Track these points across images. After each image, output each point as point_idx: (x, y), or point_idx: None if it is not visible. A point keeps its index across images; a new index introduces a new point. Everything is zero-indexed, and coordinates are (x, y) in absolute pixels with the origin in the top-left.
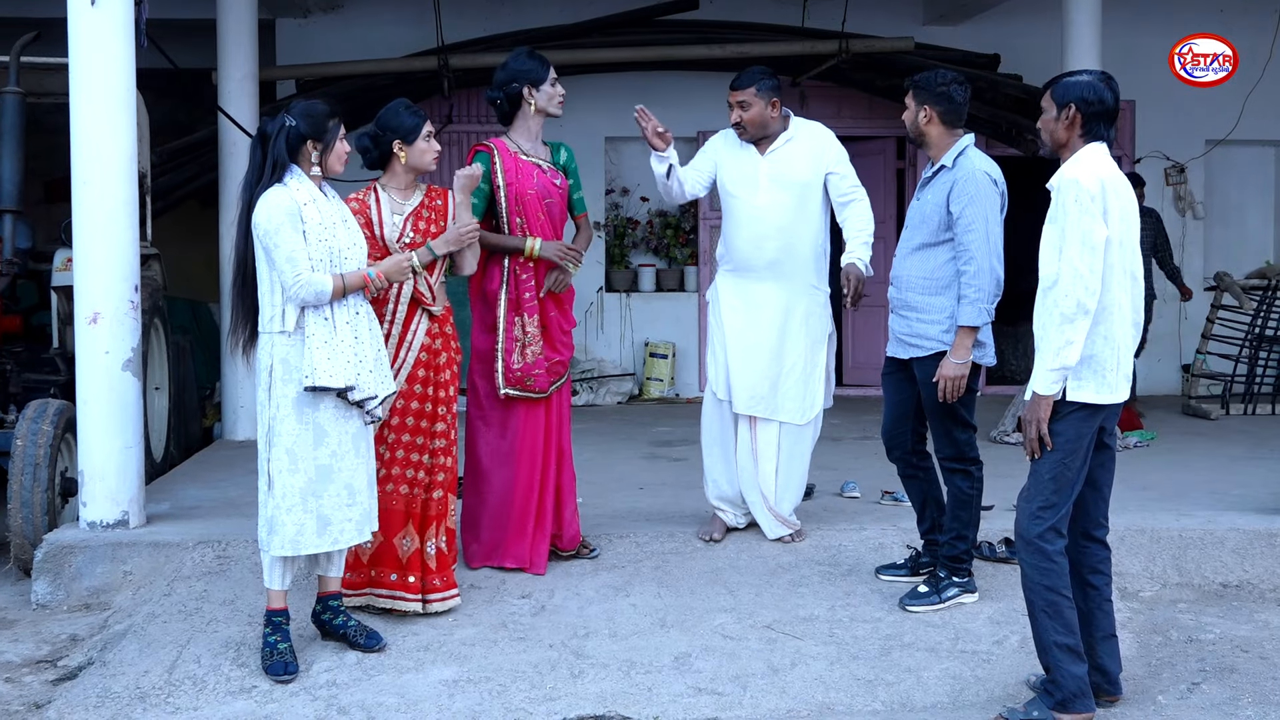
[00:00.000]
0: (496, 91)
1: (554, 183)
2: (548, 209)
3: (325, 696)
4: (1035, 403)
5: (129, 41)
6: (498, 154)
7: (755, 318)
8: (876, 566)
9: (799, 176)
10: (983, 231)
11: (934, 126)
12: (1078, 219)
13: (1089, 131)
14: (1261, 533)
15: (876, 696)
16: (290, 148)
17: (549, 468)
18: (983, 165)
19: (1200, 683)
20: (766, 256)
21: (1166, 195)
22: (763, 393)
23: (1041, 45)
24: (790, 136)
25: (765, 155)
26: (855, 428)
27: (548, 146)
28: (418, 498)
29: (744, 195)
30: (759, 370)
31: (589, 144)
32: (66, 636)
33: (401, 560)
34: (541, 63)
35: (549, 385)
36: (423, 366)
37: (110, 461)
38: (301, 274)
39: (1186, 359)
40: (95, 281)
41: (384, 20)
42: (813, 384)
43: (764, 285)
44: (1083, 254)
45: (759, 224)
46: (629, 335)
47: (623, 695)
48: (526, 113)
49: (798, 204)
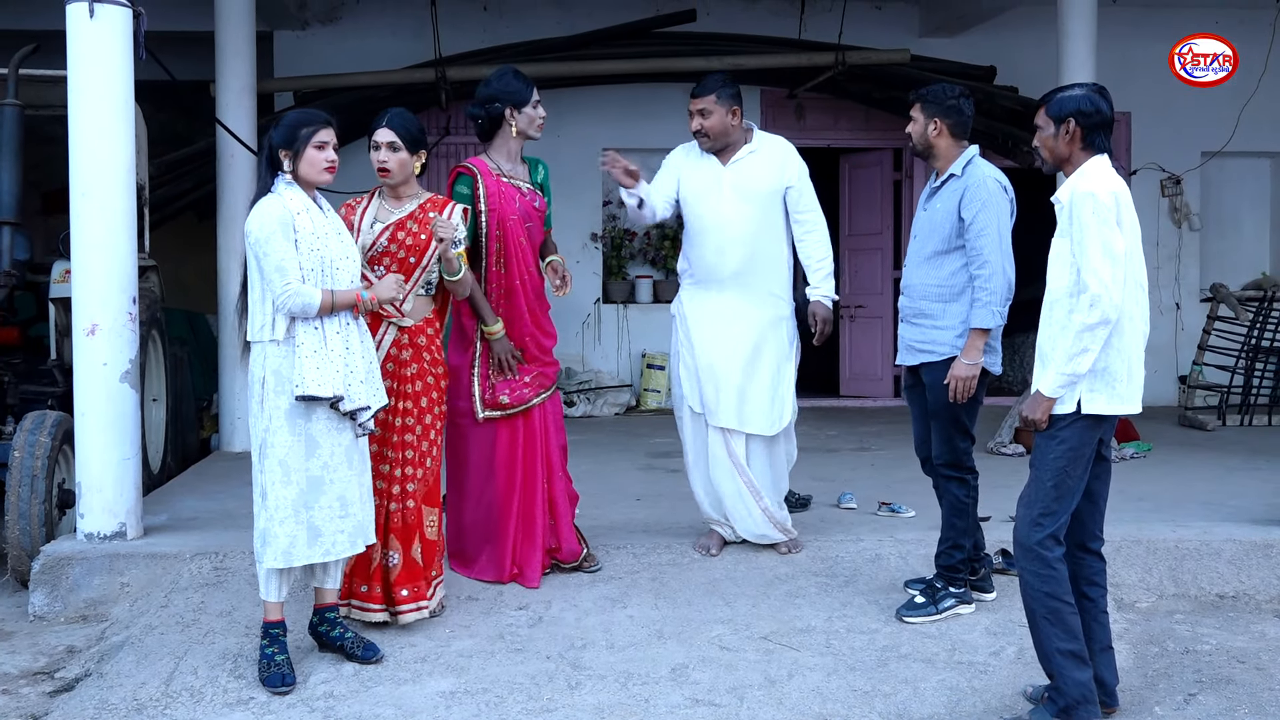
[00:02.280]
0: (478, 108)
1: (534, 205)
2: (528, 232)
3: (322, 708)
4: (1037, 401)
5: (127, 53)
6: (480, 177)
7: (721, 330)
8: (906, 580)
9: (761, 187)
10: (995, 236)
11: (943, 139)
12: (1098, 230)
13: (1090, 144)
14: (1258, 544)
15: (873, 708)
16: (271, 158)
17: (533, 479)
18: (992, 173)
19: (1197, 694)
20: (730, 267)
21: (1162, 207)
22: (724, 403)
23: (1037, 57)
24: (754, 148)
25: (727, 165)
26: (852, 438)
27: (526, 164)
28: (380, 507)
29: (707, 206)
30: (728, 382)
31: (586, 155)
32: (63, 648)
33: (367, 571)
34: (525, 84)
35: (532, 397)
36: (388, 377)
37: (108, 473)
38: (290, 284)
39: (1183, 370)
40: (93, 293)
41: (382, 32)
42: (781, 394)
43: (728, 296)
44: (1105, 265)
45: (722, 234)
46: (626, 346)
47: (620, 707)
48: (507, 133)
49: (761, 215)
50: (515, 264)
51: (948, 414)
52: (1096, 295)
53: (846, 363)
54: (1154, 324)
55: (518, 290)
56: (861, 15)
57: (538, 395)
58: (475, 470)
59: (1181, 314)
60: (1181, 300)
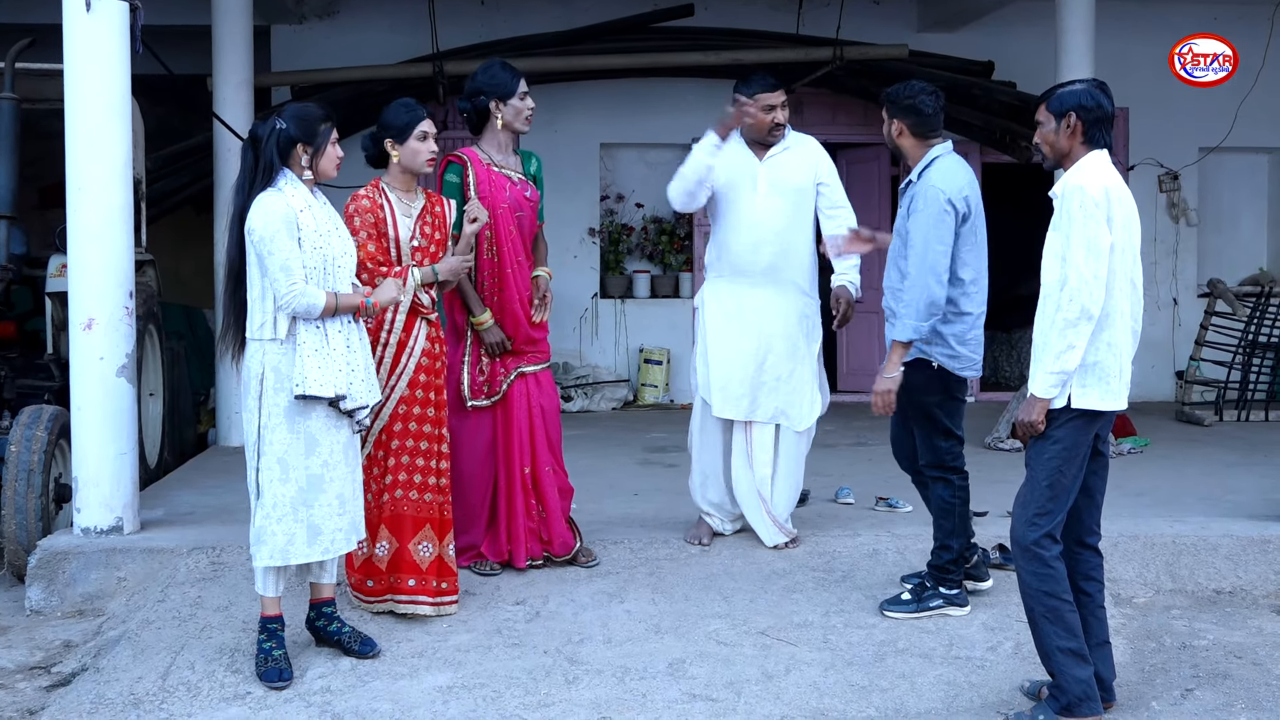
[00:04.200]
0: (465, 102)
1: (524, 195)
2: (518, 221)
3: (319, 703)
4: (1031, 404)
5: (124, 47)
6: (470, 165)
7: (751, 323)
8: (901, 576)
9: (795, 182)
10: (920, 250)
11: (905, 139)
12: (1083, 225)
13: (1090, 139)
14: (1255, 539)
15: (871, 703)
16: (281, 151)
17: (514, 461)
18: (941, 182)
19: (1194, 689)
20: (764, 261)
21: (1160, 202)
22: (757, 398)
23: (1035, 52)
24: (788, 145)
25: (764, 161)
26: (849, 433)
27: (519, 156)
28: (434, 502)
29: (743, 199)
30: (756, 376)
31: (584, 150)
32: (60, 643)
33: (420, 566)
34: (511, 75)
35: (515, 368)
36: (424, 371)
37: (104, 467)
38: (296, 284)
39: (1180, 365)
40: (90, 287)
41: (379, 26)
42: (813, 389)
43: (760, 290)
44: (1088, 260)
45: (758, 228)
46: (623, 341)
47: (617, 702)
48: (494, 126)
49: (794, 210)
50: (506, 252)
51: (922, 414)
52: (1075, 289)
53: (844, 358)
54: (1152, 319)
55: (509, 278)
56: (859, 10)
57: (529, 366)
58: (467, 457)
59: (1179, 309)
60: (1179, 296)
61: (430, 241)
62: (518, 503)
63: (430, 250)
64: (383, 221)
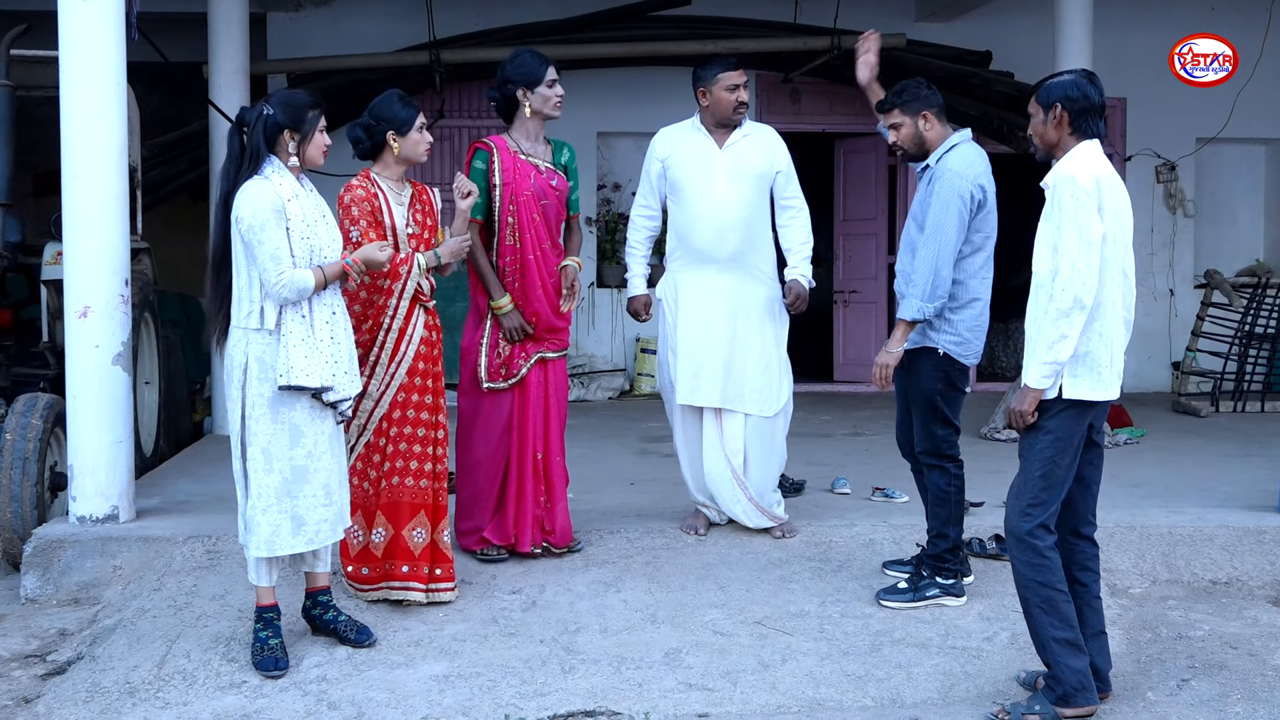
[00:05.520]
0: (494, 90)
1: (550, 183)
2: (543, 210)
3: (315, 691)
4: (1024, 394)
5: (119, 35)
6: (497, 152)
7: (717, 310)
8: (883, 561)
9: (756, 169)
10: (932, 232)
11: (935, 127)
12: (1075, 214)
13: (1079, 129)
14: (1251, 530)
15: (867, 692)
16: (268, 137)
17: (526, 446)
18: (959, 166)
19: (1190, 679)
20: (729, 248)
21: (1157, 193)
22: (728, 385)
23: (1033, 42)
24: (746, 132)
25: (724, 149)
26: (846, 423)
27: (550, 145)
28: (428, 489)
29: (702, 188)
30: (724, 363)
31: (581, 139)
32: (55, 631)
33: (413, 552)
34: (540, 63)
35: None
36: (422, 359)
37: (100, 456)
38: (285, 271)
39: (1176, 356)
40: (85, 275)
41: (376, 14)
42: (778, 374)
43: (725, 277)
44: (1080, 249)
45: (721, 216)
46: (620, 331)
47: (613, 691)
48: (523, 114)
49: (756, 196)
50: (529, 239)
51: (925, 401)
52: (1068, 279)
53: (840, 348)
54: (1148, 310)
55: (532, 265)
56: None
57: (549, 352)
58: (480, 440)
59: (1175, 300)
60: (1175, 286)
61: (423, 228)
62: (528, 488)
63: (424, 237)
64: (379, 210)
